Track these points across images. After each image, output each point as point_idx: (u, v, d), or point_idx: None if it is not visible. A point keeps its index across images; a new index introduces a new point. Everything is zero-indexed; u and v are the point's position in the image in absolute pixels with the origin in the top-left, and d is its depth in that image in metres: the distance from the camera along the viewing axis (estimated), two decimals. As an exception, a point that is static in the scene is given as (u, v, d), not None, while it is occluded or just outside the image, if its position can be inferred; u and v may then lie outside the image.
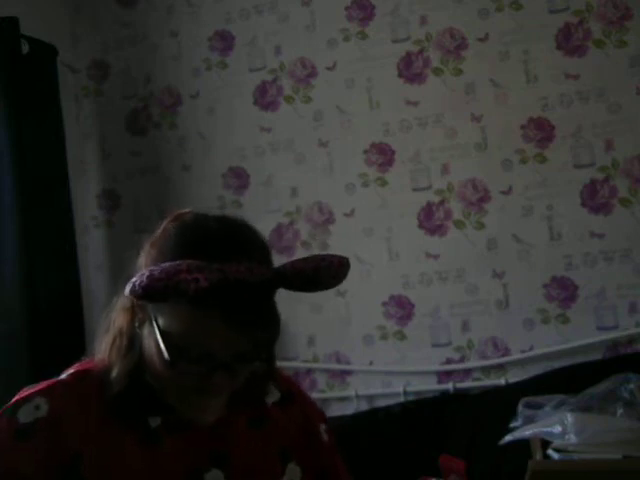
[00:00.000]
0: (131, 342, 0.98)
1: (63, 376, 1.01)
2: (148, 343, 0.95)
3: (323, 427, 1.16)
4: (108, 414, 0.97)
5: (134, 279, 0.87)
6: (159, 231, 0.98)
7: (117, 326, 1.00)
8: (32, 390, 0.98)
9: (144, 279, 0.85)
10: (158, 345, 0.92)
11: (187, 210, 1.02)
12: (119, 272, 1.04)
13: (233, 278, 0.86)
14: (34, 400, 0.95)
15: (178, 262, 0.86)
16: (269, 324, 0.92)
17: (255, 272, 0.88)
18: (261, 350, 0.93)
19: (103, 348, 1.00)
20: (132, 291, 0.86)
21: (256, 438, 1.06)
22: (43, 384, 0.99)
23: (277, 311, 0.94)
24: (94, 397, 0.98)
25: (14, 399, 0.97)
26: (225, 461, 1.01)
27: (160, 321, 0.92)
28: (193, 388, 0.94)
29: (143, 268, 0.93)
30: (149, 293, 0.85)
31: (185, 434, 0.99)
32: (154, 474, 0.96)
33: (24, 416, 0.94)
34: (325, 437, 1.15)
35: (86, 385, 0.99)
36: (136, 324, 0.97)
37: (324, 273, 0.93)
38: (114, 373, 0.97)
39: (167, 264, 0.86)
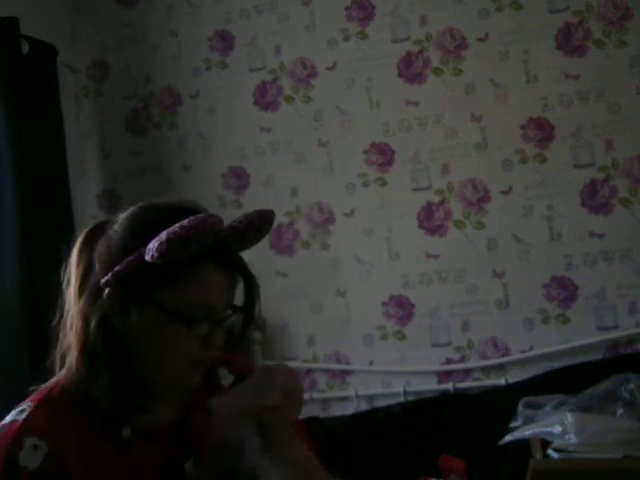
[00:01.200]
0: (108, 348, 0.97)
1: (25, 408, 0.98)
2: (138, 329, 0.97)
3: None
4: (84, 428, 0.96)
5: (149, 246, 0.91)
6: (102, 240, 1.07)
7: (81, 338, 0.99)
8: (10, 435, 0.93)
9: (163, 239, 0.90)
10: (157, 319, 0.95)
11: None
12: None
13: (221, 237, 0.97)
14: (25, 443, 0.92)
15: (184, 222, 0.92)
16: (245, 269, 1.01)
17: (226, 224, 0.99)
18: (247, 303, 1.01)
19: (75, 364, 0.98)
20: (158, 250, 0.90)
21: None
22: (14, 426, 0.94)
23: (245, 262, 1.03)
24: (67, 417, 0.96)
25: (1, 450, 0.92)
26: (194, 449, 1.03)
27: (157, 295, 0.96)
28: (194, 357, 0.97)
29: (99, 263, 1.01)
30: (174, 247, 0.90)
31: (154, 437, 1.01)
32: (137, 477, 0.97)
33: (30, 462, 0.91)
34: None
35: (54, 408, 0.97)
36: (115, 322, 0.97)
37: (266, 219, 1.06)
38: (100, 384, 0.96)
39: (175, 226, 0.92)
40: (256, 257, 1.15)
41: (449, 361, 2.46)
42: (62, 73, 2.73)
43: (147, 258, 0.92)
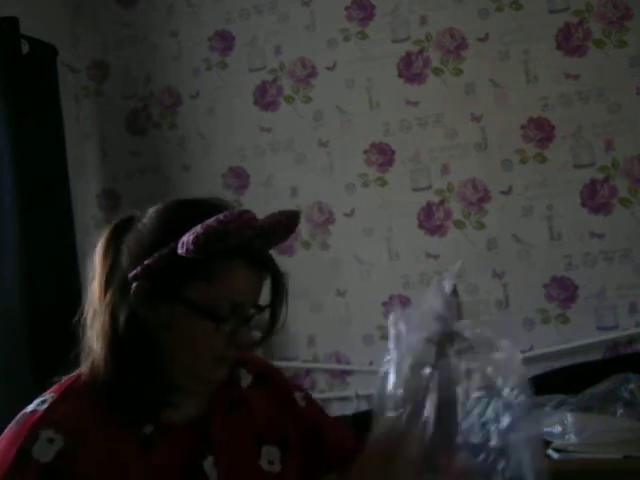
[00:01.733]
0: (137, 343, 0.96)
1: (47, 398, 0.97)
2: (166, 324, 0.96)
3: (299, 394, 1.18)
4: (104, 423, 0.95)
5: (183, 239, 0.91)
6: (155, 210, 1.03)
7: (113, 331, 0.97)
8: (28, 425, 0.93)
9: (198, 232, 0.90)
10: (184, 315, 0.95)
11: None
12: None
13: (250, 234, 0.96)
14: (41, 435, 0.91)
15: (220, 216, 0.92)
16: (277, 268, 1.02)
17: (258, 219, 0.99)
18: (272, 297, 1.02)
19: (97, 351, 0.97)
20: (194, 242, 0.90)
21: (234, 423, 1.08)
22: (34, 416, 0.94)
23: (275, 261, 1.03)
24: (87, 411, 0.96)
25: (15, 440, 0.91)
26: (212, 446, 1.03)
27: (186, 292, 0.95)
28: (220, 354, 0.98)
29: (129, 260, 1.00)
30: (210, 239, 0.90)
31: (176, 434, 1.00)
32: (156, 476, 0.96)
33: (43, 455, 0.90)
34: (302, 403, 1.17)
35: (74, 402, 0.97)
36: (138, 319, 0.96)
37: (293, 220, 1.05)
38: (131, 378, 0.96)
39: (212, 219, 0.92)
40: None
41: (449, 361, 2.46)
42: (62, 73, 2.73)
43: (181, 251, 0.91)
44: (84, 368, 1.00)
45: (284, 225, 1.03)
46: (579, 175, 2.37)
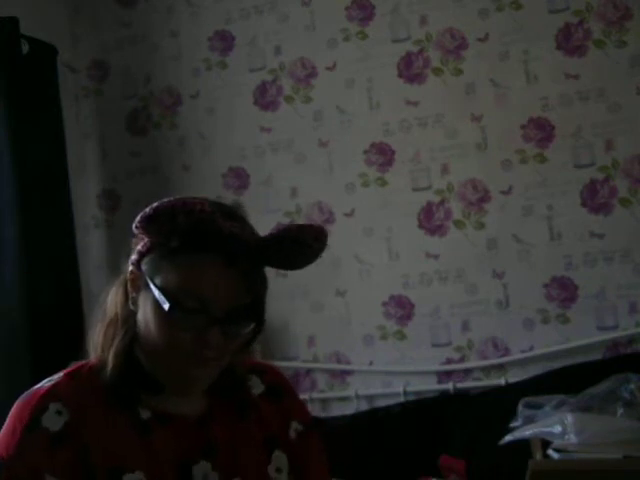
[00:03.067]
0: (124, 322, 1.01)
1: (54, 377, 1.02)
2: (144, 310, 0.98)
3: (296, 425, 1.14)
4: (105, 406, 0.99)
5: (138, 217, 0.94)
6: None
7: (110, 313, 1.03)
8: (37, 397, 0.97)
9: (154, 205, 0.92)
10: (155, 304, 0.95)
11: None
12: (119, 272, 1.07)
13: (228, 231, 0.94)
14: (50, 407, 0.96)
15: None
16: (263, 281, 0.99)
17: (247, 231, 0.97)
18: (254, 311, 0.98)
19: (96, 338, 1.03)
20: (143, 216, 0.92)
21: (241, 428, 1.07)
22: (42, 389, 0.99)
23: (267, 278, 1.01)
24: (91, 392, 1.00)
25: (26, 413, 0.96)
26: (212, 452, 1.02)
27: (158, 280, 0.96)
28: (188, 350, 0.96)
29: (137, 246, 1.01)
30: (159, 212, 0.91)
31: (174, 427, 1.01)
32: (150, 463, 0.98)
33: (52, 424, 0.95)
34: (293, 435, 1.13)
35: (81, 382, 1.01)
36: (130, 303, 1.01)
37: (308, 232, 0.98)
38: (110, 354, 1.00)
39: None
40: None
41: (449, 361, 2.46)
42: (62, 73, 2.73)
43: (134, 229, 0.95)
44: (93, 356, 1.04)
45: (291, 237, 0.97)
46: (579, 175, 2.37)
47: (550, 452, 1.78)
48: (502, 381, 2.36)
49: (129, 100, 2.87)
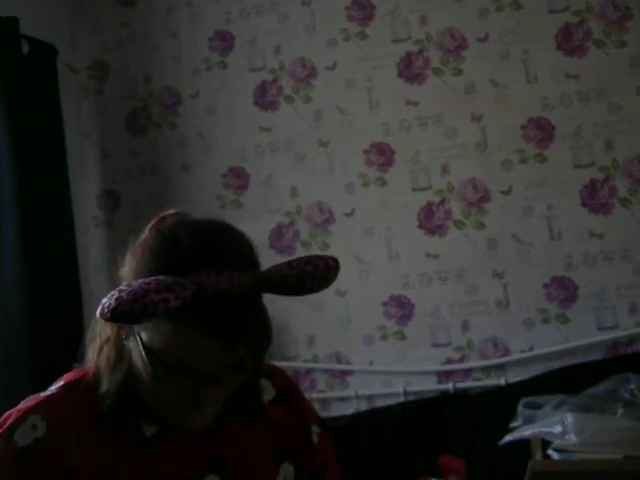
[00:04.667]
0: (119, 353, 0.95)
1: (52, 388, 0.99)
2: (135, 356, 0.93)
3: (315, 428, 1.14)
4: (102, 425, 0.95)
5: (104, 300, 0.84)
6: (141, 238, 0.96)
7: (104, 336, 0.97)
8: (23, 408, 0.95)
9: (112, 302, 0.82)
10: (143, 359, 0.90)
11: (172, 212, 1.01)
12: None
13: (212, 289, 0.84)
14: (28, 419, 0.93)
15: (147, 280, 0.83)
16: (256, 333, 0.89)
17: (236, 280, 0.86)
18: (249, 360, 0.90)
19: (90, 357, 0.98)
20: (101, 314, 0.83)
21: (252, 438, 1.05)
22: (32, 401, 0.96)
23: (266, 317, 0.91)
24: (87, 408, 0.95)
25: (8, 422, 0.94)
26: (222, 465, 1.00)
27: (143, 336, 0.89)
28: (182, 402, 0.92)
29: (124, 280, 0.92)
30: (117, 316, 0.82)
31: (181, 440, 0.98)
32: None
33: (22, 438, 0.91)
34: (315, 439, 1.13)
35: (77, 396, 0.97)
36: (122, 335, 0.95)
37: (309, 278, 0.91)
38: (104, 386, 0.95)
39: (137, 283, 0.83)
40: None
41: (449, 361, 2.46)
42: (62, 73, 2.73)
43: (97, 314, 0.85)
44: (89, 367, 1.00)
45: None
46: (579, 175, 2.37)
47: (550, 452, 1.78)
48: (502, 381, 2.36)
49: (129, 100, 2.86)
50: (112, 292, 0.83)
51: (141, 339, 0.89)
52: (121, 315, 0.81)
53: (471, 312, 2.45)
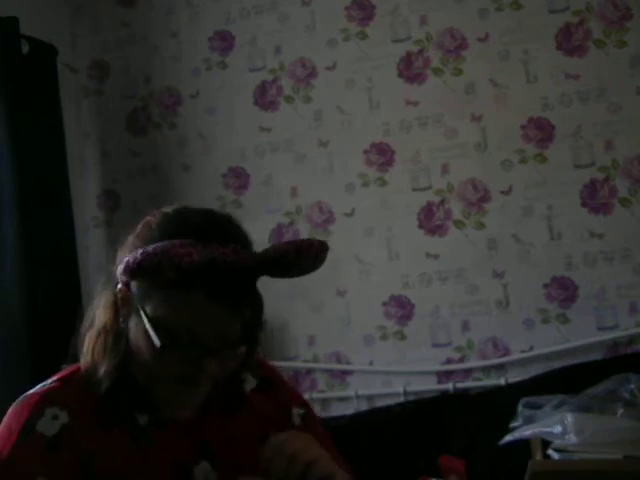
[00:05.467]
0: (116, 338, 0.98)
1: (48, 382, 1.00)
2: (135, 335, 0.96)
3: (297, 410, 1.16)
4: (98, 415, 0.97)
5: (127, 258, 0.90)
6: (140, 225, 1.01)
7: (100, 323, 1.00)
8: (32, 402, 0.96)
9: (138, 256, 0.88)
10: (146, 334, 0.93)
11: (169, 206, 1.05)
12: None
13: (221, 260, 0.89)
14: (46, 412, 0.94)
15: (170, 241, 0.89)
16: (255, 306, 0.97)
17: (241, 255, 0.91)
18: (247, 334, 0.96)
19: (86, 346, 1.00)
20: (126, 268, 0.89)
21: (236, 426, 1.07)
22: (36, 395, 0.97)
23: (260, 296, 0.99)
24: (83, 398, 0.98)
25: (21, 420, 0.95)
26: (210, 452, 1.02)
27: (148, 309, 0.93)
28: (181, 378, 0.95)
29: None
30: (144, 268, 0.87)
31: (173, 429, 1.01)
32: (148, 471, 0.97)
33: (47, 429, 0.93)
34: (297, 420, 1.15)
35: (74, 388, 0.99)
36: (120, 319, 0.98)
37: (305, 254, 0.95)
38: (101, 370, 0.97)
39: (159, 243, 0.89)
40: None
41: (449, 361, 2.46)
42: (62, 73, 2.74)
43: (119, 274, 0.93)
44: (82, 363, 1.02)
45: (288, 260, 0.93)
46: (579, 175, 2.37)
47: (550, 452, 1.78)
48: (502, 381, 2.36)
49: (129, 100, 2.86)
50: (135, 251, 0.90)
51: (145, 312, 0.93)
52: (148, 268, 0.88)
53: (471, 312, 2.45)
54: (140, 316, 0.94)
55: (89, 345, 1.00)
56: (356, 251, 2.56)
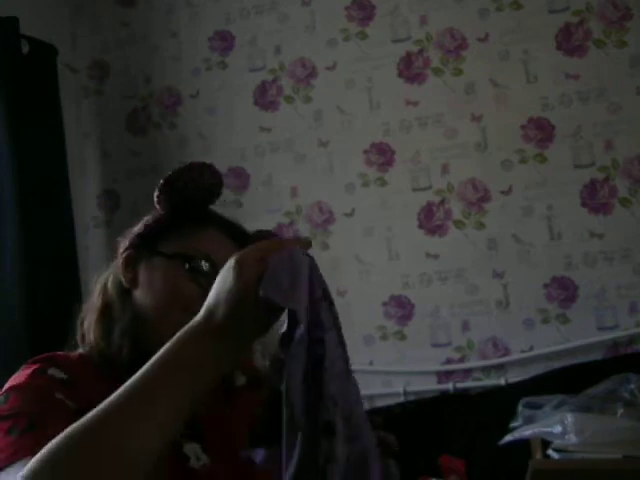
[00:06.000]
0: (122, 303, 1.05)
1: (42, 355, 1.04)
2: (148, 282, 1.03)
3: None
4: (96, 381, 0.98)
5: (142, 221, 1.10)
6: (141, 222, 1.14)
7: (99, 304, 1.07)
8: (34, 365, 1.00)
9: (164, 180, 1.08)
10: (163, 271, 1.02)
11: None
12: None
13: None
14: (49, 370, 0.97)
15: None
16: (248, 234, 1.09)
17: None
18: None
19: (91, 329, 1.05)
20: (159, 189, 1.07)
21: (227, 415, 1.10)
22: (34, 362, 1.01)
23: None
24: (82, 368, 1.01)
25: (26, 370, 0.99)
26: (200, 433, 1.04)
27: (168, 248, 1.03)
28: (191, 304, 0.95)
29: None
30: (172, 182, 1.07)
31: None
32: None
33: (57, 374, 0.97)
34: None
35: (69, 359, 1.03)
36: (125, 283, 1.05)
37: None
38: (115, 336, 1.01)
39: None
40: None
41: (449, 361, 2.46)
42: (62, 73, 2.74)
43: (156, 203, 1.06)
44: (81, 349, 1.07)
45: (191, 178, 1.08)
46: (579, 175, 2.37)
47: (550, 452, 1.78)
48: (502, 381, 2.36)
49: (129, 100, 2.87)
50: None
51: (163, 252, 1.03)
52: (173, 179, 1.08)
53: (471, 312, 2.45)
54: (154, 261, 1.03)
55: (92, 329, 1.04)
56: (356, 251, 2.56)
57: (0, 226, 2.39)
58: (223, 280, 0.79)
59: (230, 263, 0.79)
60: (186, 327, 0.79)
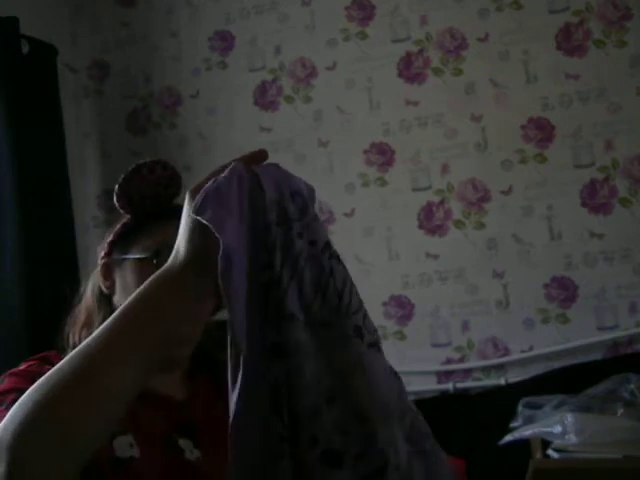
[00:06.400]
0: (101, 307, 1.11)
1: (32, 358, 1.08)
2: (123, 282, 1.08)
3: None
4: None
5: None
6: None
7: (82, 316, 1.16)
8: (30, 362, 1.05)
9: (116, 189, 1.04)
10: (137, 265, 1.05)
11: None
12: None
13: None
14: (45, 367, 1.00)
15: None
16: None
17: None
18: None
19: (76, 336, 1.12)
20: (117, 195, 1.04)
21: (221, 410, 1.08)
22: (30, 360, 1.07)
23: None
24: None
25: (26, 364, 1.05)
26: (193, 432, 1.06)
27: (136, 249, 1.07)
28: None
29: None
30: (129, 184, 1.03)
31: (160, 405, 1.05)
32: (138, 428, 1.00)
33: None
34: None
35: (56, 362, 1.04)
36: (104, 289, 1.12)
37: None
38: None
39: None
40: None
41: (449, 361, 2.46)
42: (62, 73, 2.74)
43: (118, 208, 1.07)
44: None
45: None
46: (579, 175, 2.37)
47: (550, 452, 1.78)
48: (502, 381, 2.36)
49: (129, 100, 2.87)
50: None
51: (134, 252, 1.07)
52: (131, 180, 1.04)
53: (471, 312, 2.45)
54: (127, 262, 1.07)
55: (75, 336, 1.11)
56: (356, 251, 2.56)
57: (0, 226, 2.39)
58: (184, 217, 0.79)
59: (186, 197, 0.80)
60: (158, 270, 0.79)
